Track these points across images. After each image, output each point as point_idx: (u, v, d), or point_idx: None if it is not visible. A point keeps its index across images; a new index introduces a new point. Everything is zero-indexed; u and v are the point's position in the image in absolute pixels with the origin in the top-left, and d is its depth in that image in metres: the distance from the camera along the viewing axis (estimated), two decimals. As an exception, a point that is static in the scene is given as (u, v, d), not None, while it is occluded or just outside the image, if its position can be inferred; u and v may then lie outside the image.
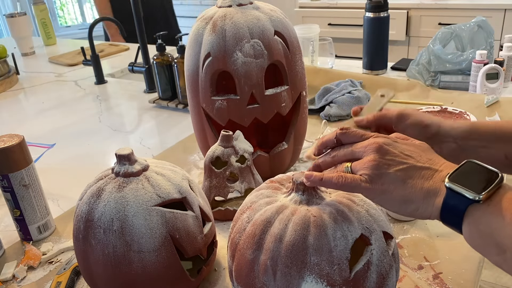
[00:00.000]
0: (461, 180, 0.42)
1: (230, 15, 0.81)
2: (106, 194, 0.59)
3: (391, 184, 0.45)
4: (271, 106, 0.84)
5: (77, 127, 1.34)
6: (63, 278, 0.69)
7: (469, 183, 0.41)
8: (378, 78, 1.42)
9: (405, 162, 0.46)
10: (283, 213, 0.51)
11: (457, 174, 0.43)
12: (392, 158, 0.46)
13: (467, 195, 0.41)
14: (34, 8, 2.29)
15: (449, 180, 0.42)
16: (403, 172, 0.45)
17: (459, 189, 0.41)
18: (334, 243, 0.48)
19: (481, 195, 0.40)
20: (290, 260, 0.48)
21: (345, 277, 0.47)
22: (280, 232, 0.49)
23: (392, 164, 0.46)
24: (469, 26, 1.32)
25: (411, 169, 0.45)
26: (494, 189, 0.41)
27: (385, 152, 0.47)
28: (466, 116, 1.12)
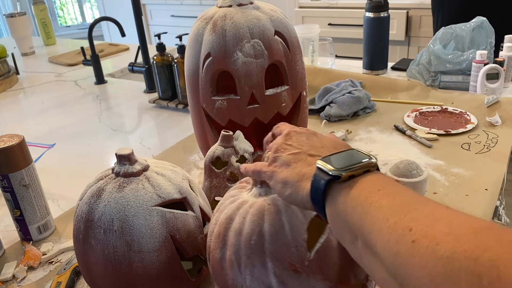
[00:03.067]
0: (330, 160, 0.41)
1: (230, 15, 0.80)
2: (106, 194, 0.59)
3: (279, 167, 0.47)
4: (272, 106, 0.84)
5: (77, 127, 1.34)
6: (63, 278, 0.69)
7: (338, 163, 0.40)
8: (378, 78, 1.42)
9: (299, 149, 0.47)
10: (243, 207, 0.52)
11: (331, 156, 0.42)
12: (291, 144, 0.48)
13: (328, 171, 0.40)
14: (34, 8, 2.29)
15: (320, 159, 0.42)
16: (292, 156, 0.46)
17: (324, 166, 0.40)
18: (289, 226, 0.48)
19: (343, 171, 0.39)
20: (250, 251, 0.49)
21: (305, 258, 0.47)
22: (239, 226, 0.50)
23: (288, 149, 0.47)
24: (469, 26, 1.32)
25: (300, 155, 0.46)
26: (359, 170, 0.39)
27: (289, 138, 0.49)
28: (466, 116, 1.12)
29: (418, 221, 0.32)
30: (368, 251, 0.36)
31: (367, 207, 0.36)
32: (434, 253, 0.29)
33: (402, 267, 0.31)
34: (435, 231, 0.30)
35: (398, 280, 0.32)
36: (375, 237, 0.34)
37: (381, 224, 0.34)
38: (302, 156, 0.46)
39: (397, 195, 0.36)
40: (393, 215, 0.34)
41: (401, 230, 0.32)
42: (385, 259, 0.33)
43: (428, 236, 0.30)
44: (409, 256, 0.31)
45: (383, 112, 1.22)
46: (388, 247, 0.33)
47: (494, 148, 0.98)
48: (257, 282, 0.49)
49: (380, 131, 1.11)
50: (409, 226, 0.32)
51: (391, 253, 0.32)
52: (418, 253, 0.30)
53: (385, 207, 0.35)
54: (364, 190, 0.38)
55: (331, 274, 0.48)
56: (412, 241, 0.31)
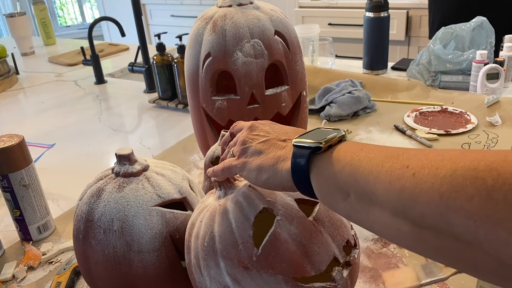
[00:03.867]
0: (306, 136, 0.44)
1: (230, 15, 0.80)
2: (106, 194, 0.59)
3: (250, 157, 0.48)
4: (271, 106, 0.84)
5: (77, 127, 1.34)
6: (63, 278, 0.69)
7: (313, 137, 0.43)
8: (378, 78, 1.41)
9: (267, 136, 0.49)
10: (203, 212, 0.53)
11: (304, 135, 0.45)
12: (257, 134, 0.49)
13: (308, 145, 0.42)
14: (34, 8, 2.29)
15: (295, 139, 0.44)
16: (262, 144, 0.48)
17: (302, 141, 0.43)
18: (236, 224, 0.49)
19: (321, 142, 0.42)
20: (204, 253, 0.50)
21: (252, 254, 0.47)
22: (197, 231, 0.52)
23: (256, 139, 0.49)
24: (469, 26, 1.32)
25: (270, 141, 0.48)
26: (334, 138, 0.43)
27: (254, 129, 0.50)
28: (466, 116, 1.12)
29: (411, 159, 0.35)
30: (365, 203, 0.38)
31: (357, 163, 0.38)
32: (436, 176, 0.32)
33: (410, 198, 0.33)
34: (430, 161, 0.34)
35: (407, 214, 0.34)
36: (373, 185, 0.36)
37: (377, 172, 0.36)
38: (273, 142, 0.47)
39: (380, 149, 0.39)
40: (386, 161, 0.36)
41: (398, 170, 0.35)
42: (389, 200, 0.35)
43: (426, 166, 0.33)
44: (414, 186, 0.33)
45: (383, 112, 1.22)
46: (390, 188, 0.35)
47: (494, 148, 0.98)
48: (215, 283, 0.50)
49: (380, 131, 1.11)
50: (405, 164, 0.35)
51: (396, 192, 0.34)
52: (422, 181, 0.33)
53: (375, 158, 0.37)
54: (348, 152, 0.40)
55: (283, 268, 0.47)
56: (413, 174, 0.34)
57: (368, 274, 0.67)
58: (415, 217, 0.33)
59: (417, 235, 0.34)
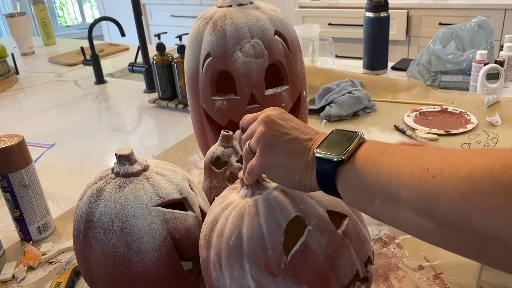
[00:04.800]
0: (327, 148, 0.45)
1: (230, 15, 0.80)
2: (106, 194, 0.59)
3: (275, 157, 0.47)
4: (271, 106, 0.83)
5: (77, 127, 1.34)
6: (63, 278, 0.69)
7: (334, 148, 0.44)
8: (379, 78, 1.41)
9: (289, 133, 0.47)
10: (228, 209, 0.53)
11: (324, 143, 0.45)
12: (277, 129, 0.48)
13: (332, 158, 0.43)
14: (34, 8, 2.29)
15: (317, 149, 0.45)
16: (287, 143, 0.47)
17: (325, 155, 0.44)
18: (266, 228, 0.48)
19: (343, 154, 0.43)
20: (229, 252, 0.49)
21: (281, 261, 0.47)
22: (221, 227, 0.51)
23: (278, 135, 0.48)
24: (470, 26, 1.31)
25: (295, 141, 0.47)
26: (354, 146, 0.43)
27: (271, 122, 0.48)
28: (466, 116, 1.12)
29: (430, 162, 0.37)
30: (390, 205, 0.39)
31: (379, 168, 0.40)
32: (456, 176, 0.34)
33: (433, 199, 0.35)
34: (448, 163, 0.35)
35: (430, 214, 0.36)
36: (397, 188, 0.38)
37: (399, 176, 0.38)
38: (297, 143, 0.47)
39: (399, 152, 0.40)
40: (407, 165, 0.38)
41: (419, 173, 0.37)
42: (413, 202, 0.37)
43: (445, 168, 0.35)
44: (436, 187, 0.35)
45: (383, 112, 1.22)
46: (414, 190, 0.37)
47: (494, 148, 0.98)
48: (236, 283, 0.49)
49: (380, 131, 1.11)
50: (425, 167, 0.37)
51: (419, 193, 0.36)
52: (442, 182, 0.35)
53: (396, 163, 0.39)
54: (370, 158, 0.41)
55: (309, 279, 0.47)
56: (433, 177, 0.35)
57: (368, 274, 0.67)
58: (438, 217, 0.35)
59: (440, 233, 0.36)
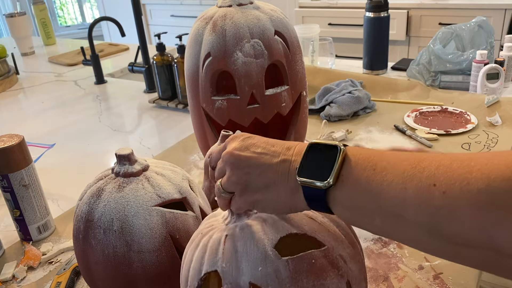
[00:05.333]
0: (308, 171, 0.41)
1: (230, 15, 0.80)
2: (106, 194, 0.59)
3: (257, 193, 0.44)
4: (271, 106, 0.83)
5: (77, 127, 1.34)
6: (63, 278, 0.69)
7: (316, 171, 0.40)
8: (379, 78, 1.41)
9: (260, 164, 0.44)
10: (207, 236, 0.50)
11: (304, 165, 0.42)
12: (246, 165, 0.45)
13: (318, 184, 0.40)
14: (34, 8, 2.29)
15: (299, 175, 0.41)
16: (262, 177, 0.44)
17: (310, 182, 0.40)
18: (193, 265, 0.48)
19: (330, 179, 0.39)
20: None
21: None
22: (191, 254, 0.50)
23: (249, 172, 0.44)
24: (470, 26, 1.31)
25: (269, 170, 0.43)
26: (339, 166, 0.39)
27: (237, 160, 0.45)
28: (466, 116, 1.12)
29: (435, 175, 0.33)
30: (394, 224, 0.36)
31: (376, 188, 0.36)
32: (470, 191, 0.31)
33: (446, 217, 0.32)
34: (458, 174, 0.32)
35: (443, 232, 0.33)
36: (401, 208, 0.35)
37: (402, 196, 0.35)
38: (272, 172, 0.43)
39: (395, 167, 0.36)
40: (408, 182, 0.34)
41: (425, 190, 0.33)
42: (422, 221, 0.34)
43: (455, 181, 0.32)
44: (449, 205, 0.32)
45: (383, 112, 1.22)
46: (421, 210, 0.33)
47: (494, 148, 0.98)
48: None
49: (380, 131, 1.11)
50: (430, 183, 0.33)
51: (429, 213, 0.33)
52: (456, 198, 0.32)
53: (394, 180, 0.35)
54: (362, 177, 0.38)
55: None
56: (443, 193, 0.32)
57: (368, 274, 0.67)
58: (451, 235, 0.33)
59: (453, 250, 0.33)
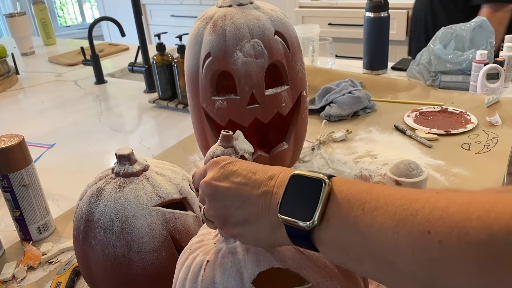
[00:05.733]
0: (290, 208, 0.38)
1: (230, 15, 0.80)
2: (106, 194, 0.59)
3: (237, 227, 0.43)
4: (272, 106, 0.84)
5: (77, 127, 1.34)
6: (63, 278, 0.69)
7: (299, 208, 0.37)
8: (378, 78, 1.41)
9: (239, 195, 0.42)
10: (195, 253, 0.49)
11: (286, 201, 0.39)
12: (223, 197, 0.43)
13: (301, 224, 0.37)
14: (34, 8, 2.29)
15: (280, 212, 0.39)
16: (241, 210, 0.42)
17: (293, 221, 0.38)
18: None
19: (314, 219, 0.36)
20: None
21: None
22: (179, 270, 0.49)
23: (227, 205, 0.42)
24: (469, 26, 1.31)
25: (249, 203, 0.41)
26: (323, 203, 0.36)
27: (214, 192, 0.43)
28: (466, 116, 1.12)
29: (429, 221, 0.30)
30: (383, 270, 0.34)
31: (365, 230, 0.34)
32: (469, 243, 0.28)
33: (441, 270, 0.30)
34: (456, 222, 0.29)
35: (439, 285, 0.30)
36: (392, 254, 0.32)
37: (394, 241, 0.32)
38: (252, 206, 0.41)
39: (385, 207, 0.33)
40: (400, 225, 0.32)
41: (419, 237, 0.30)
42: (414, 272, 0.31)
43: (452, 229, 0.29)
44: (445, 257, 0.29)
45: (383, 112, 1.22)
46: (415, 259, 0.31)
47: (494, 148, 0.98)
48: None
49: (380, 131, 1.11)
50: (425, 229, 0.30)
51: (422, 263, 0.30)
52: (453, 250, 0.29)
53: (385, 223, 0.33)
54: (349, 217, 0.35)
55: None
56: (439, 242, 0.29)
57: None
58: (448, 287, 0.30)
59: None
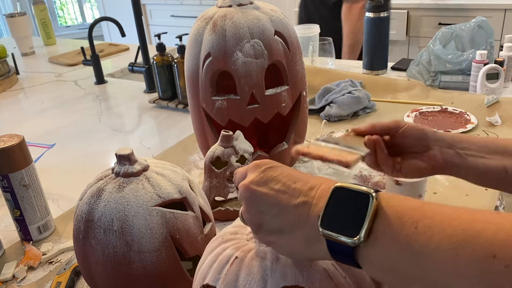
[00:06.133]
0: (334, 222, 0.36)
1: (230, 15, 0.80)
2: (106, 194, 0.59)
3: (271, 235, 0.41)
4: (271, 106, 0.84)
5: (77, 127, 1.34)
6: (63, 278, 0.69)
7: (344, 223, 0.35)
8: (378, 78, 1.41)
9: (277, 203, 0.40)
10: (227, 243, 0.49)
11: (329, 214, 0.37)
12: (262, 202, 0.41)
13: (345, 240, 0.35)
14: (34, 8, 2.29)
15: (322, 226, 0.36)
16: (277, 219, 0.40)
17: (336, 236, 0.35)
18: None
19: (360, 236, 0.34)
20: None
21: None
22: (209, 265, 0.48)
23: (263, 211, 0.41)
24: (469, 26, 1.31)
25: (286, 212, 0.39)
26: (371, 219, 0.34)
27: (252, 196, 0.42)
28: (466, 116, 1.12)
29: (494, 244, 0.28)
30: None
31: (419, 250, 0.31)
32: None
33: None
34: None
35: None
36: (451, 277, 0.30)
37: (453, 263, 0.29)
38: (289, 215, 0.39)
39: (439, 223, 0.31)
40: (460, 247, 0.29)
41: (483, 260, 0.28)
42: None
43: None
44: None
45: (383, 112, 1.22)
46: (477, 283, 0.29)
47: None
48: None
49: (380, 131, 1.11)
50: (489, 252, 0.28)
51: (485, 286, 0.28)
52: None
53: (443, 243, 0.30)
54: (401, 235, 0.33)
55: None
56: (506, 267, 0.27)
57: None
58: None
59: None
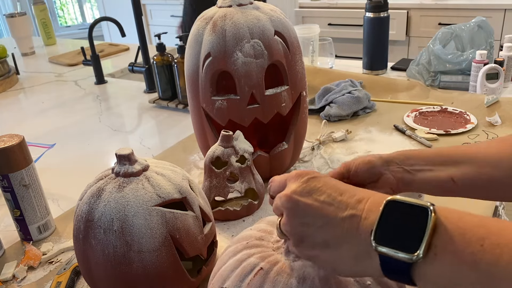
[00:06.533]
0: (389, 238, 0.34)
1: (230, 15, 0.81)
2: (106, 194, 0.59)
3: (314, 249, 0.39)
4: (271, 106, 0.84)
5: (77, 127, 1.34)
6: (63, 278, 0.69)
7: (400, 238, 0.34)
8: (378, 78, 1.42)
9: (322, 215, 0.38)
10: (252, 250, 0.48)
11: (383, 229, 0.35)
12: (306, 214, 0.39)
13: (403, 256, 0.33)
14: (34, 8, 2.29)
15: (376, 242, 0.35)
16: (322, 232, 0.38)
17: (392, 253, 0.34)
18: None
19: (420, 251, 0.33)
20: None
21: None
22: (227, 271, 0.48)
23: (308, 223, 0.39)
24: (469, 26, 1.32)
25: (332, 225, 0.38)
26: (430, 236, 0.33)
27: (295, 206, 0.40)
28: (466, 116, 1.12)
29: None
30: None
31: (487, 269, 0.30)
32: None
33: None
34: None
35: None
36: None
37: None
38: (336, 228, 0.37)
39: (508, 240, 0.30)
40: None
41: None
42: None
43: None
44: None
45: (383, 112, 1.22)
46: None
47: (494, 148, 0.98)
48: None
49: (380, 131, 1.11)
50: None
51: None
52: None
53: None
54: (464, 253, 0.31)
55: None
56: None
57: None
58: None
59: None
